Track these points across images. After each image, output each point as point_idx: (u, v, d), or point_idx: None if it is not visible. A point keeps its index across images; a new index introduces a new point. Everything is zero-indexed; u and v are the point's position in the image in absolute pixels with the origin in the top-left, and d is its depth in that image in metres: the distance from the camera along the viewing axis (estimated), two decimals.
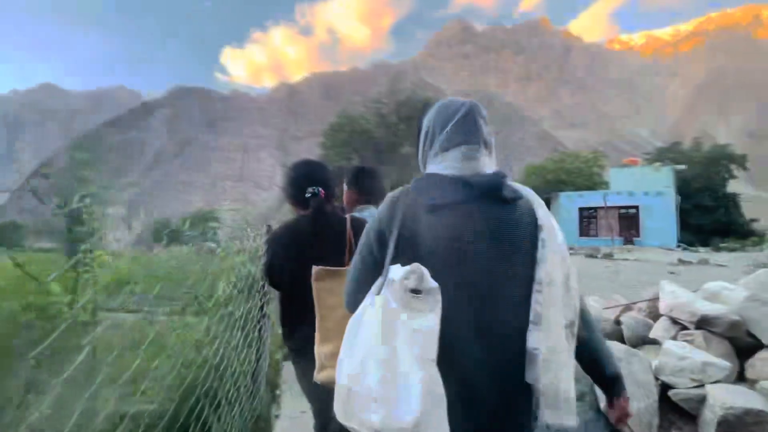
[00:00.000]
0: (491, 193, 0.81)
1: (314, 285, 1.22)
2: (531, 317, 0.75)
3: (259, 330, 1.79)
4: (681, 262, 10.38)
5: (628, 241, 18.47)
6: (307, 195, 1.42)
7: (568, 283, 0.79)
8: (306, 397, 1.45)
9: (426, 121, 0.93)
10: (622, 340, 2.36)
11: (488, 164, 0.87)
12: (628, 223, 19.71)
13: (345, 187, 1.75)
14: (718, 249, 15.95)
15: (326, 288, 1.21)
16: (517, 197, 0.82)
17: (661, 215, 18.80)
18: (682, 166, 21.90)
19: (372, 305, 0.74)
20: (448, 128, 0.87)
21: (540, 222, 0.80)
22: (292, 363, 1.56)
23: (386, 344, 0.69)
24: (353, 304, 0.81)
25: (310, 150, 30.68)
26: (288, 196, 1.54)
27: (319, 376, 1.17)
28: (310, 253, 1.33)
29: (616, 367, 0.90)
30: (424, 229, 0.80)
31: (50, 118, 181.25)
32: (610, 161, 32.11)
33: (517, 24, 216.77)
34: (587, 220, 21.14)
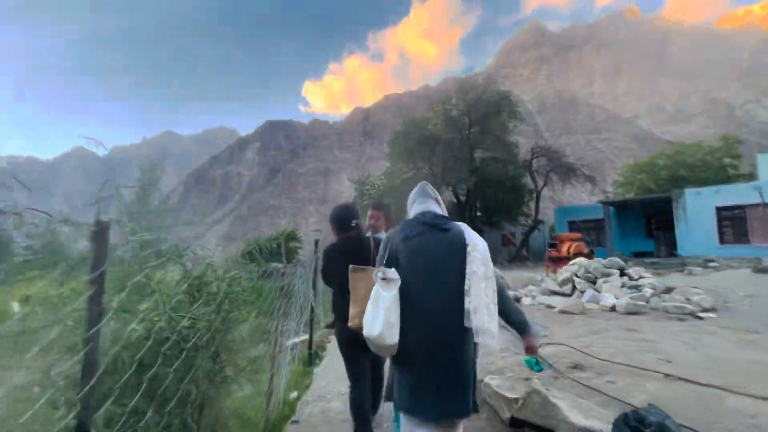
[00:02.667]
0: (435, 227, 1.64)
1: (350, 276, 2.10)
2: (465, 290, 1.48)
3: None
4: None
5: None
6: (352, 225, 2.55)
7: (487, 273, 1.52)
8: (341, 352, 2.50)
9: (410, 197, 1.83)
10: None
11: (435, 208, 1.75)
12: None
13: (384, 217, 2.79)
14: None
15: (356, 277, 2.08)
16: (452, 228, 1.64)
17: None
18: None
19: (375, 286, 1.56)
20: (414, 194, 1.81)
21: (467, 241, 1.59)
22: (335, 325, 2.56)
23: (374, 301, 1.51)
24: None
25: (384, 168, 28.52)
26: (335, 226, 2.60)
27: (350, 324, 2.00)
28: (350, 259, 2.24)
29: (523, 317, 1.67)
30: (402, 249, 1.60)
31: (169, 160, 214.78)
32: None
33: (599, 18, 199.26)
34: (729, 222, 16.37)
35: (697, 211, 16.44)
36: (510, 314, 1.63)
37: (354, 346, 2.34)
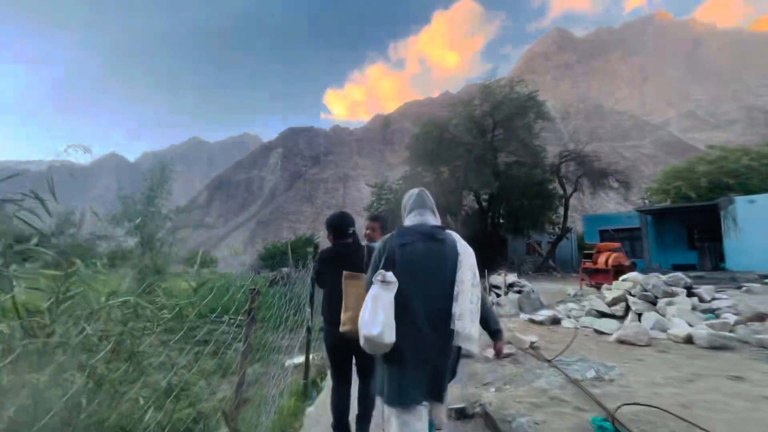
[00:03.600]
0: (430, 236, 1.73)
1: (344, 281, 2.25)
2: (454, 296, 1.62)
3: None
4: None
5: None
6: (350, 232, 2.59)
7: (474, 281, 1.68)
8: (327, 353, 2.51)
9: (403, 201, 1.93)
10: None
11: (432, 219, 1.83)
12: None
13: (380, 229, 2.80)
14: None
15: (350, 283, 2.22)
16: (446, 238, 1.73)
17: None
18: None
19: (372, 287, 1.63)
20: (410, 202, 1.88)
21: (459, 250, 1.70)
22: (324, 329, 2.51)
23: (373, 302, 1.57)
24: (368, 287, 1.68)
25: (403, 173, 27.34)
26: (332, 232, 2.64)
27: (342, 329, 2.13)
28: (344, 265, 2.35)
29: (497, 324, 1.90)
30: (399, 255, 1.68)
31: (195, 165, 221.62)
32: None
33: (626, 23, 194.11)
34: None
35: (750, 221, 14.73)
36: (489, 321, 1.85)
37: (340, 350, 2.39)
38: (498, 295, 8.62)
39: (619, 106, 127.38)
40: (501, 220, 23.93)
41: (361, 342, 1.57)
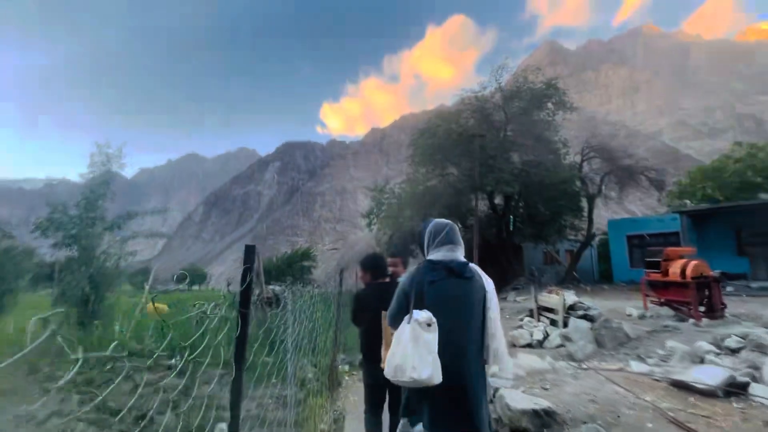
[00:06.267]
0: (459, 273, 1.75)
1: (384, 321, 2.22)
2: (488, 334, 1.73)
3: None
4: None
5: None
6: (388, 273, 2.77)
7: (498, 315, 1.77)
8: (365, 386, 2.67)
9: (428, 231, 1.88)
10: None
11: (461, 255, 1.83)
12: None
13: (401, 264, 2.87)
14: None
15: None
16: (474, 275, 1.77)
17: None
18: None
19: (406, 326, 1.64)
20: (440, 236, 1.84)
21: (487, 288, 1.77)
22: (364, 366, 2.65)
23: (415, 344, 1.58)
24: (393, 324, 1.78)
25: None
26: (370, 272, 2.74)
27: (384, 366, 1.84)
28: (382, 303, 2.22)
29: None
30: (428, 293, 1.70)
31: (192, 180, 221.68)
32: None
33: (616, 36, 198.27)
34: None
35: None
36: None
37: (382, 387, 2.52)
38: (553, 322, 6.74)
39: (612, 117, 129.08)
40: (519, 226, 21.29)
41: (406, 381, 1.61)
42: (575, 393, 2.98)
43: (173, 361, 4.06)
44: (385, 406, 2.64)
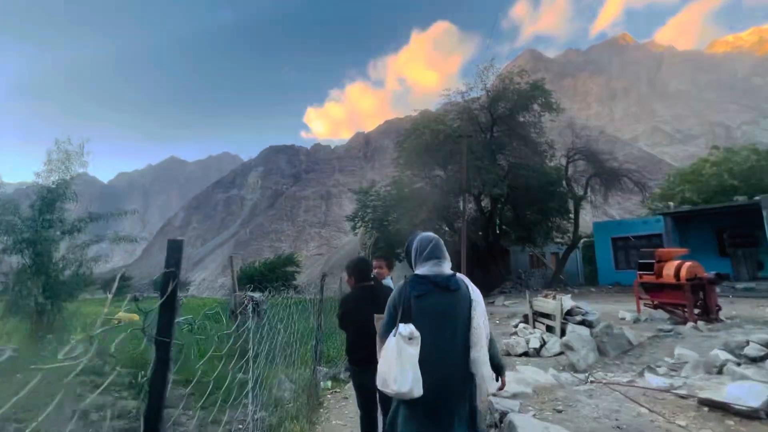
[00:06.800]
0: (445, 287, 1.77)
1: (376, 324, 2.21)
2: (471, 342, 1.72)
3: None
4: None
5: None
6: (373, 275, 2.88)
7: (485, 324, 1.76)
8: (355, 389, 2.73)
9: (414, 246, 1.92)
10: None
11: (447, 268, 1.84)
12: None
13: (386, 266, 3.29)
14: None
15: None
16: (460, 287, 1.78)
17: None
18: None
19: (392, 339, 1.69)
20: (426, 251, 1.86)
21: (472, 297, 1.78)
22: (350, 369, 2.91)
23: (399, 357, 1.63)
24: (384, 336, 1.79)
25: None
26: (355, 276, 2.80)
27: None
28: (370, 307, 2.46)
29: (500, 361, 1.94)
30: (415, 306, 1.74)
31: (174, 184, 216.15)
32: None
33: (594, 45, 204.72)
34: None
35: None
36: (494, 358, 1.88)
37: (371, 387, 2.51)
38: (549, 329, 6.50)
39: (590, 123, 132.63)
40: (504, 228, 21.20)
41: (390, 393, 1.68)
42: (594, 417, 2.63)
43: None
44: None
